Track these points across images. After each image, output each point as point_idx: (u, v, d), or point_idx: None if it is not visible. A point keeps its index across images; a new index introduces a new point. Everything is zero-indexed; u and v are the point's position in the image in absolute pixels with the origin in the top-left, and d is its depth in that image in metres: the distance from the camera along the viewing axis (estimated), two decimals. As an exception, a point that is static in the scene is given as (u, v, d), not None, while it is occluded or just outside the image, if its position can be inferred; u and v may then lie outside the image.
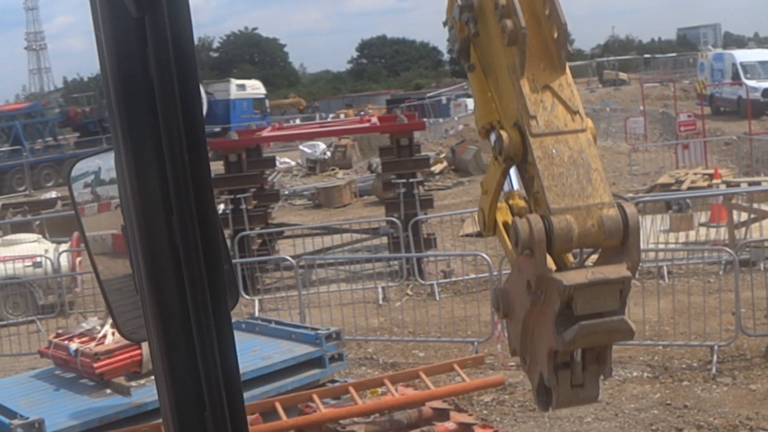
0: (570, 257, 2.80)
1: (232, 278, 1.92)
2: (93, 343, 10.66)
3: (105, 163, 2.23)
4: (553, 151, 2.73)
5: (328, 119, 53.93)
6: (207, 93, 63.50)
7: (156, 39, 1.51)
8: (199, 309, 1.59)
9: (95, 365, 10.12)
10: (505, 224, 3.06)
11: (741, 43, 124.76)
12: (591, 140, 2.83)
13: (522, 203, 3.06)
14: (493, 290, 2.95)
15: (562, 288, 2.53)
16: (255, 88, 69.40)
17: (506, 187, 3.09)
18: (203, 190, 1.57)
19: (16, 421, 8.91)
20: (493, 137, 2.94)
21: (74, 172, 2.43)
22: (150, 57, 1.52)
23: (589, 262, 2.76)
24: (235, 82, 68.76)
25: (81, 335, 11.19)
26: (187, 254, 1.57)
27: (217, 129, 54.23)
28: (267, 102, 69.72)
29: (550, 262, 2.67)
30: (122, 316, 2.04)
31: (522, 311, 2.75)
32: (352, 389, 10.49)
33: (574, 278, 2.56)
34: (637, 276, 15.74)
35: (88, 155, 2.66)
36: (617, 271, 2.61)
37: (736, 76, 51.78)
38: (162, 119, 1.53)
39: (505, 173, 2.97)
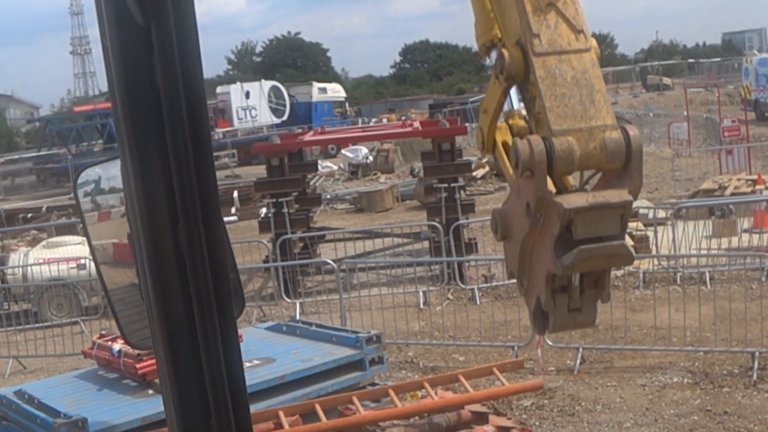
0: (570, 180, 2.75)
1: (238, 286, 1.92)
2: (136, 344, 10.72)
3: (105, 172, 2.24)
4: (556, 71, 2.67)
5: (371, 124, 54.23)
6: (290, 96, 66.09)
7: (162, 47, 1.52)
8: (204, 317, 1.59)
9: (138, 366, 10.22)
10: (505, 144, 3.00)
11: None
12: (595, 60, 2.74)
13: (522, 123, 2.97)
14: (492, 211, 2.90)
15: (562, 211, 2.50)
16: (335, 91, 71.02)
17: (506, 107, 3.02)
18: (209, 198, 1.58)
19: (59, 420, 9.03)
20: (494, 55, 2.89)
21: (80, 180, 2.44)
22: (156, 65, 1.54)
23: (587, 187, 2.72)
24: (317, 85, 70.12)
25: (123, 336, 11.26)
26: (193, 262, 1.57)
27: (299, 130, 54.02)
28: (347, 104, 71.46)
29: (550, 185, 2.63)
30: (128, 326, 2.06)
31: (520, 234, 2.72)
32: (391, 392, 10.53)
33: (574, 201, 2.53)
34: (678, 281, 15.72)
35: (95, 163, 2.67)
36: (619, 195, 2.58)
37: (781, 82, 51.36)
38: (168, 127, 1.54)
39: (506, 93, 2.90)
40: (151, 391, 10.15)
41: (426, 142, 25.40)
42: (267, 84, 67.08)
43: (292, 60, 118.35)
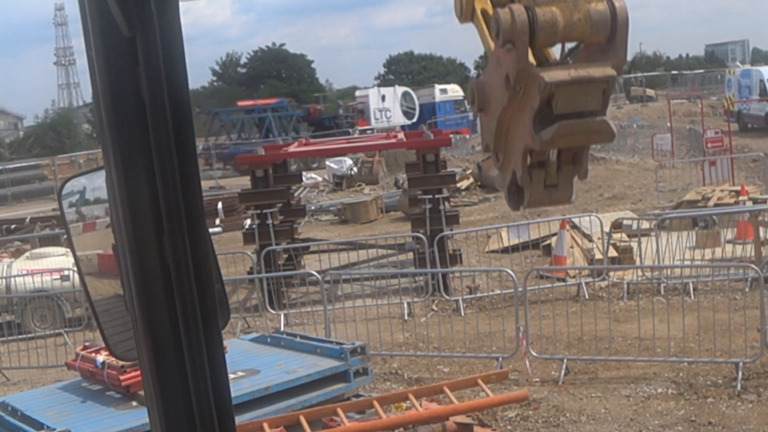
0: (552, 53, 2.62)
1: (223, 297, 1.91)
2: (120, 356, 10.70)
3: (90, 183, 2.23)
4: None
5: (355, 135, 55.60)
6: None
7: (147, 58, 1.52)
8: (189, 329, 1.59)
9: (122, 377, 10.20)
10: (484, 12, 2.82)
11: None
12: None
13: None
14: (469, 83, 2.76)
15: (542, 84, 2.39)
16: (455, 91, 74.56)
17: None
18: (194, 209, 1.57)
19: (43, 432, 9.00)
20: None
21: (65, 191, 2.43)
22: (141, 76, 1.53)
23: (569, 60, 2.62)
24: (438, 87, 74.67)
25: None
26: (178, 274, 1.57)
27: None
28: (466, 102, 71.92)
29: (531, 57, 2.51)
30: (113, 337, 2.05)
31: (498, 106, 2.61)
32: (376, 403, 10.53)
33: (556, 75, 2.42)
34: (662, 292, 15.78)
35: (80, 174, 2.66)
36: (602, 69, 2.48)
37: (763, 93, 51.59)
38: (153, 138, 1.54)
39: None
40: (135, 403, 10.14)
41: (410, 154, 25.44)
42: (400, 89, 73.29)
43: (276, 71, 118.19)
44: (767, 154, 32.85)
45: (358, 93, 75.04)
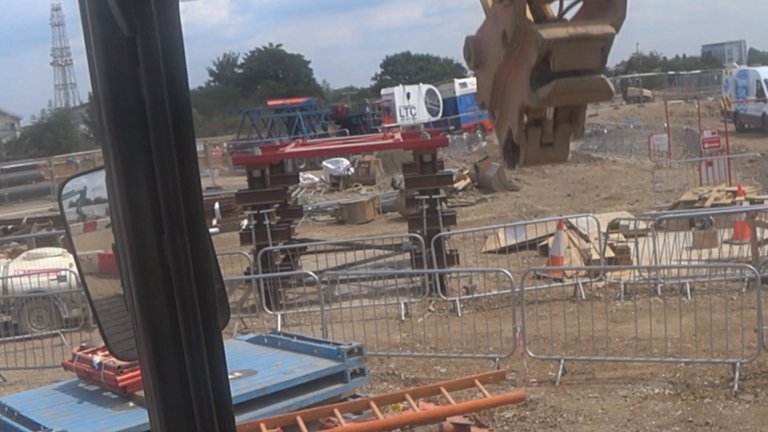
0: (550, 10, 2.59)
1: (224, 297, 1.91)
2: (116, 357, 10.70)
3: (91, 183, 2.23)
4: None
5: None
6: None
7: (147, 58, 1.52)
8: (190, 328, 1.59)
9: (118, 378, 10.20)
10: None
11: (766, 59, 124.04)
12: None
13: None
14: (465, 39, 2.72)
15: (540, 41, 2.36)
16: (474, 84, 73.99)
17: None
18: (194, 209, 1.57)
19: (40, 433, 8.99)
20: None
21: (65, 191, 2.43)
22: (141, 75, 1.53)
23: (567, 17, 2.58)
24: (457, 81, 76.00)
25: (104, 348, 11.25)
26: (178, 273, 1.57)
27: (452, 126, 67.91)
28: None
29: (529, 13, 2.48)
30: (113, 337, 2.05)
31: (495, 63, 2.59)
32: (373, 404, 10.53)
33: (554, 32, 2.39)
34: (659, 293, 15.77)
35: (80, 174, 2.66)
36: (600, 27, 2.44)
37: (760, 93, 51.62)
38: (153, 138, 1.54)
39: None
40: (131, 404, 10.13)
41: (407, 154, 25.41)
42: (424, 87, 74.14)
43: (273, 71, 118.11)
44: (764, 154, 32.90)
45: (383, 91, 76.69)
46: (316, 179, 46.48)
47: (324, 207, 36.93)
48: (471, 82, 74.44)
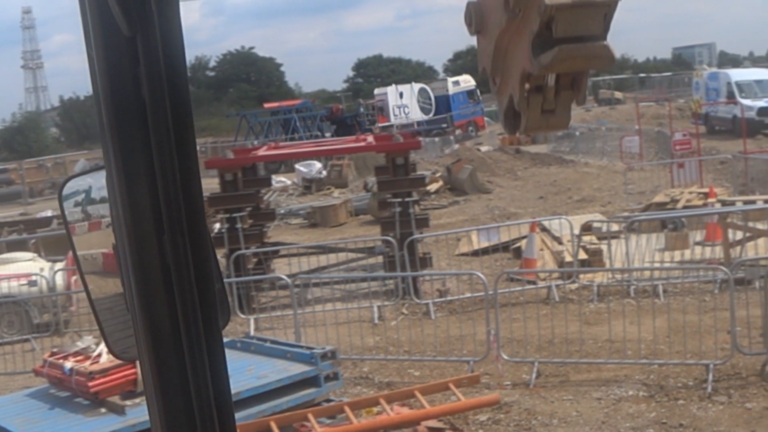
0: None
1: (224, 297, 1.91)
2: (88, 362, 10.66)
3: (96, 182, 2.23)
4: None
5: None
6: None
7: (148, 57, 1.52)
8: (190, 328, 1.59)
9: (90, 384, 10.12)
10: None
11: (736, 62, 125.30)
12: None
13: None
14: (467, 4, 2.66)
15: (542, 7, 2.31)
16: (466, 81, 76.86)
17: None
18: (195, 208, 1.57)
19: (10, 441, 8.91)
20: None
21: (65, 191, 2.43)
22: (142, 75, 1.53)
23: None
24: (450, 79, 78.00)
25: (76, 354, 11.19)
26: (179, 273, 1.57)
27: (445, 124, 71.07)
28: (478, 92, 75.96)
29: None
30: (113, 335, 2.04)
31: (496, 29, 2.55)
32: (347, 408, 10.50)
33: None
34: (632, 294, 15.81)
35: (79, 174, 2.66)
36: None
37: (731, 95, 51.82)
38: (154, 138, 1.53)
39: None
40: (103, 410, 10.06)
41: (380, 157, 25.40)
42: (416, 86, 75.45)
43: (245, 74, 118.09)
44: (735, 156, 33.05)
45: (376, 91, 77.60)
46: (289, 182, 46.43)
47: (297, 210, 36.89)
48: (464, 80, 76.94)
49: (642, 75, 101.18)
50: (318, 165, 45.53)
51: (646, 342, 14.46)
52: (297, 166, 46.91)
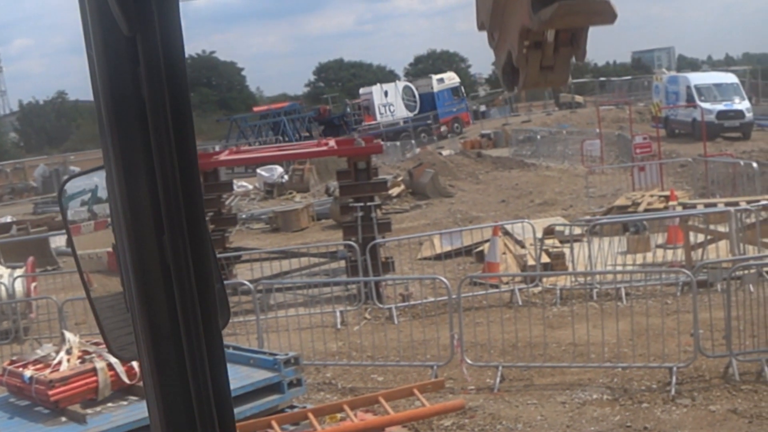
0: None
1: (224, 297, 1.91)
2: (48, 370, 10.54)
3: (102, 181, 2.24)
4: None
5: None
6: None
7: (147, 57, 1.53)
8: (190, 328, 1.60)
9: (50, 393, 10.00)
10: None
11: (695, 66, 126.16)
12: None
13: None
14: None
15: None
16: (451, 78, 78.92)
17: None
18: (194, 208, 1.58)
19: (-32, 451, 8.80)
20: None
21: (65, 190, 2.43)
22: (141, 75, 1.54)
23: None
24: (435, 77, 78.41)
25: (36, 362, 11.06)
26: (179, 273, 1.58)
27: (430, 121, 72.36)
28: (462, 88, 78.66)
29: None
30: (112, 333, 2.03)
31: None
32: (311, 415, 10.44)
33: None
34: (595, 298, 15.85)
35: (79, 174, 2.65)
36: None
37: (690, 99, 52.19)
38: (153, 137, 1.54)
39: None
40: (64, 419, 9.95)
41: (341, 161, 25.35)
42: (401, 84, 78.25)
43: (206, 79, 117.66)
44: (695, 159, 33.25)
45: (362, 90, 78.40)
46: (250, 187, 46.33)
47: (258, 215, 36.78)
48: (448, 77, 78.64)
49: (602, 79, 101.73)
50: (280, 169, 45.47)
51: (610, 345, 14.48)
52: (258, 170, 46.80)
